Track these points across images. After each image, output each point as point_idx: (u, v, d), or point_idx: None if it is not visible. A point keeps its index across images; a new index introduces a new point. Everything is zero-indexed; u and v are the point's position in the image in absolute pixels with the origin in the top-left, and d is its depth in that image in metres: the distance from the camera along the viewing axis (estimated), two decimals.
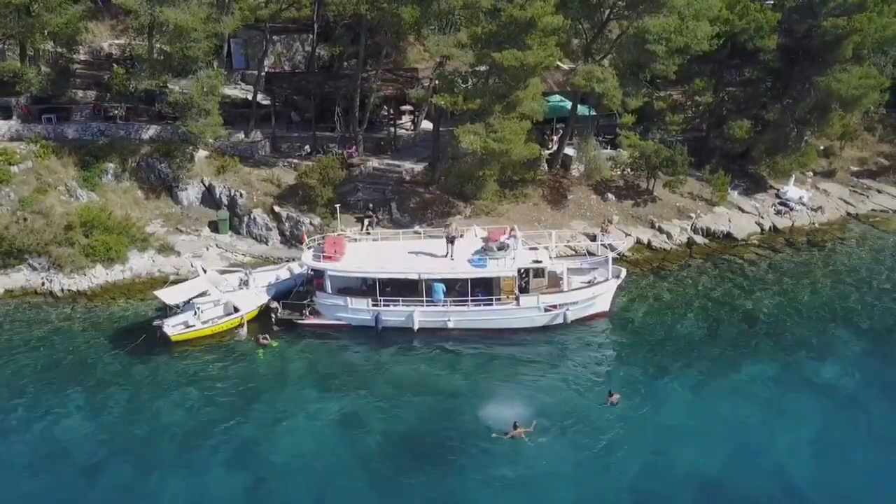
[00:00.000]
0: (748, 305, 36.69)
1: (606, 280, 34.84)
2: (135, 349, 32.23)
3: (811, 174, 49.27)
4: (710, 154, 48.03)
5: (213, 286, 34.49)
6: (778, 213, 45.67)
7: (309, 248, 35.26)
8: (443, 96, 37.62)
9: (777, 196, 46.93)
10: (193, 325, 33.13)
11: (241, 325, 33.93)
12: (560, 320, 34.31)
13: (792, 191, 46.64)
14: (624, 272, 35.60)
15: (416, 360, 32.36)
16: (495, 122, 36.73)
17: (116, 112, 44.00)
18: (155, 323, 33.28)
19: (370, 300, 33.71)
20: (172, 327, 32.87)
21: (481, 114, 37.31)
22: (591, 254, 38.22)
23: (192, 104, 39.36)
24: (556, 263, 35.49)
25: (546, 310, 34.11)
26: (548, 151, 45.87)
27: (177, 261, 38.79)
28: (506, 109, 37.49)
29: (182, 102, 39.54)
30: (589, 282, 35.10)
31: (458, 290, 33.94)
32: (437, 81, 40.20)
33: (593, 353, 33.46)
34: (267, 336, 33.21)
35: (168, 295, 33.63)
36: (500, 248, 34.31)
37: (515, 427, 27.09)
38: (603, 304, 35.13)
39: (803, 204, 46.17)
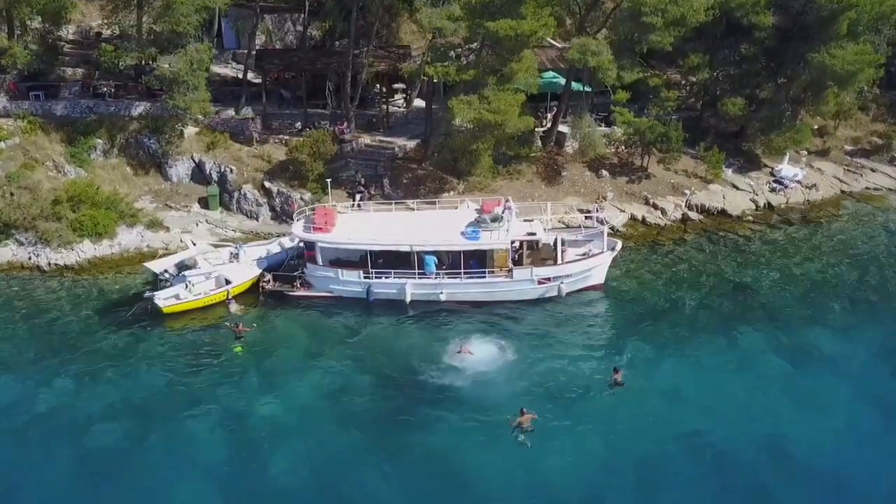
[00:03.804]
0: (743, 279, 36.43)
1: (601, 252, 34.54)
2: (125, 321, 31.86)
3: (805, 152, 49.05)
4: (704, 133, 47.66)
5: (203, 258, 34.11)
6: (773, 190, 45.34)
7: (299, 219, 34.85)
8: (435, 67, 37.11)
9: (772, 174, 46.58)
10: (185, 298, 32.70)
11: (230, 298, 33.48)
12: (554, 293, 33.95)
13: (786, 169, 46.29)
14: (619, 244, 35.26)
15: (408, 332, 31.93)
16: (489, 93, 36.29)
17: (105, 89, 43.45)
18: (146, 295, 32.84)
19: (361, 272, 33.33)
20: (164, 300, 32.44)
21: (475, 85, 36.85)
22: (585, 227, 37.85)
23: (180, 79, 38.83)
24: (550, 235, 35.15)
25: (540, 282, 33.77)
26: (542, 129, 45.52)
27: (166, 236, 38.31)
28: (500, 82, 37.05)
29: (170, 77, 39.01)
30: (584, 254, 34.78)
31: (450, 262, 33.56)
32: (429, 55, 39.71)
33: (589, 326, 33.14)
34: (248, 327, 31.83)
35: (156, 265, 33.38)
36: (493, 220, 33.93)
37: (523, 413, 26.22)
38: (598, 277, 34.82)
39: (798, 182, 45.85)
